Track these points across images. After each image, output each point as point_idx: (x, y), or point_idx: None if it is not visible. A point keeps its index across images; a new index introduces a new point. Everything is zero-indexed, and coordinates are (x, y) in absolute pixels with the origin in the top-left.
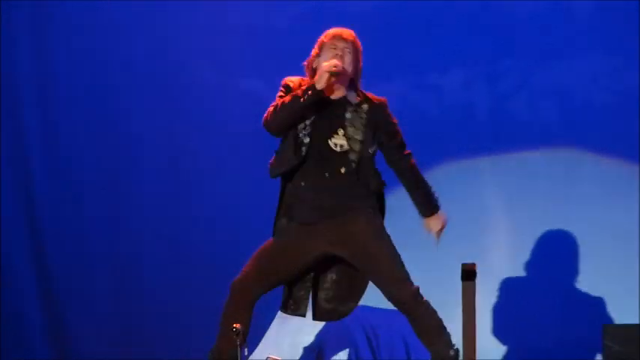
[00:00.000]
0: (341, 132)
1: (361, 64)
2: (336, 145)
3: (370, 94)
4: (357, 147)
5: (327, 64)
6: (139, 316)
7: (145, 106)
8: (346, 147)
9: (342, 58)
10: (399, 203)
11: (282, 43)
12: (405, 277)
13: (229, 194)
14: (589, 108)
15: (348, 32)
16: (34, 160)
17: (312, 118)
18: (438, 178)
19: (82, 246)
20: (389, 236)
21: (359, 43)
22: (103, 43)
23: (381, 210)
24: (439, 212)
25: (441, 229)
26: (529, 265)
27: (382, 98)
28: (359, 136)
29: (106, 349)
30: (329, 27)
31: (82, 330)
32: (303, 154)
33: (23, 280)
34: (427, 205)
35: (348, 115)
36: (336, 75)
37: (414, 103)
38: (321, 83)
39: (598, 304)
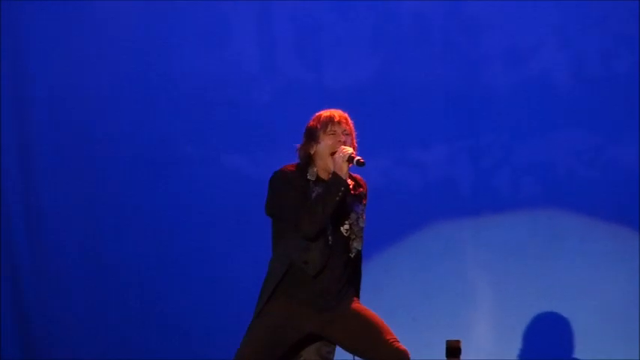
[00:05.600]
0: (347, 218)
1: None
2: (345, 231)
3: (356, 176)
4: (360, 233)
5: (345, 152)
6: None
7: (127, 179)
8: (350, 233)
9: (344, 143)
10: (380, 282)
11: (263, 117)
12: (396, 339)
13: (211, 273)
14: (572, 181)
15: (340, 114)
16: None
17: None
18: (421, 251)
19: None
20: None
21: (351, 122)
22: (85, 115)
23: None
24: None
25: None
26: (513, 340)
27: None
28: (362, 223)
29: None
30: (310, 102)
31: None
32: (330, 242)
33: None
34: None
35: (348, 200)
36: (353, 161)
37: (398, 178)
38: (343, 173)
39: None
